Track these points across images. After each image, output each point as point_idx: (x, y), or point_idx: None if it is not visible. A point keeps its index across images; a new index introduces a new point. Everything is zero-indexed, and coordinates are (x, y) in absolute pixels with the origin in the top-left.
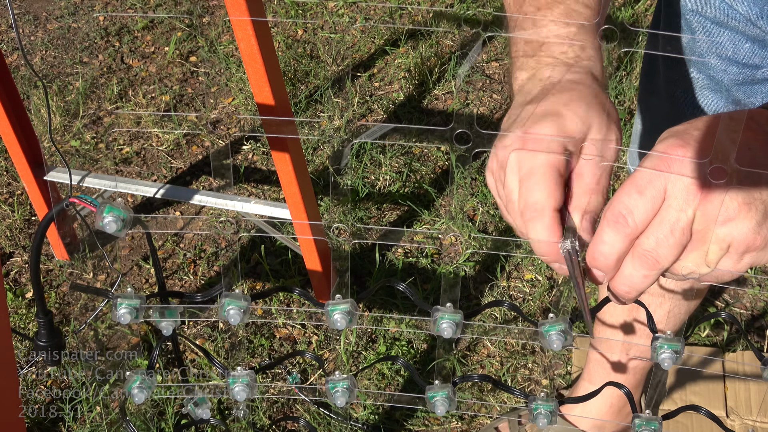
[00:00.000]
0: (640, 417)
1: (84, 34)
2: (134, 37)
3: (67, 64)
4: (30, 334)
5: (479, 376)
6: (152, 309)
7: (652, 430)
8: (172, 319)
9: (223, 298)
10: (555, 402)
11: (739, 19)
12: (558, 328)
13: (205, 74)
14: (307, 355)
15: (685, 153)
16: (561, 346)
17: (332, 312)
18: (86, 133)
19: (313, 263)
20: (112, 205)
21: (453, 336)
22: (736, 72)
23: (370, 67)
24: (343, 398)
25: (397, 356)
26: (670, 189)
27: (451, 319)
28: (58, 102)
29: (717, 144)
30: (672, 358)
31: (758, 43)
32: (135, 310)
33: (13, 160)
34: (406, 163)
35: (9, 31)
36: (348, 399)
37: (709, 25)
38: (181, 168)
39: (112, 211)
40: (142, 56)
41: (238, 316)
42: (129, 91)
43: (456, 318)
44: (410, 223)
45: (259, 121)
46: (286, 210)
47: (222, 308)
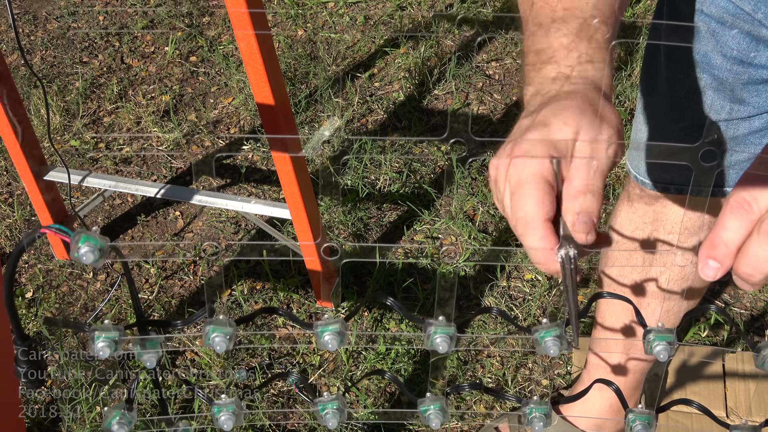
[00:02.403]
0: (633, 411)
1: (84, 34)
2: (134, 37)
3: (67, 64)
4: (30, 334)
5: (470, 384)
6: (131, 342)
7: (645, 423)
8: (153, 350)
9: (207, 326)
10: (548, 405)
11: (744, 19)
12: (553, 333)
13: (205, 74)
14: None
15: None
16: (558, 352)
17: (322, 333)
18: (86, 133)
19: (313, 263)
20: (88, 235)
21: (447, 350)
22: (741, 71)
23: (370, 67)
24: (334, 419)
25: (383, 371)
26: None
27: (445, 332)
28: (58, 102)
29: None
30: (667, 349)
31: (763, 42)
32: (114, 342)
33: (13, 160)
34: (406, 163)
35: (9, 31)
36: (339, 420)
37: (714, 24)
38: (181, 168)
39: (87, 240)
40: (142, 56)
41: (224, 343)
42: (129, 91)
43: (450, 331)
44: (410, 223)
45: (259, 120)
46: (286, 210)
47: (206, 336)
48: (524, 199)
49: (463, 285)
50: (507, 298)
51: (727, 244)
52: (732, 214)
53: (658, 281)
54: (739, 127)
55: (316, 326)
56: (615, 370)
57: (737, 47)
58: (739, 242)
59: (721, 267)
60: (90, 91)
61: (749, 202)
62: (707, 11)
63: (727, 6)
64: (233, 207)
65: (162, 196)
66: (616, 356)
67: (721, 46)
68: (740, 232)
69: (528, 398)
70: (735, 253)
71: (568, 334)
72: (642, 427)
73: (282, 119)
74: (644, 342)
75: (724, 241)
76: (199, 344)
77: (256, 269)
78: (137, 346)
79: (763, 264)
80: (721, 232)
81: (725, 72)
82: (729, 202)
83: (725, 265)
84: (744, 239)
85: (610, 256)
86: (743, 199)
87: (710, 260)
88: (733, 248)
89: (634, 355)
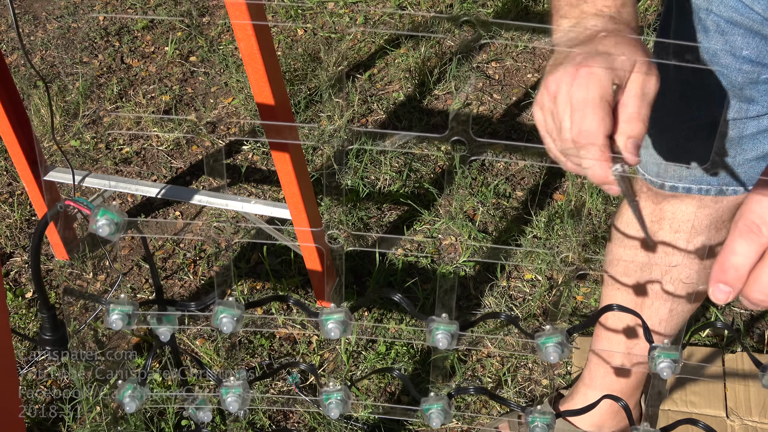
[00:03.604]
0: (637, 429)
1: (84, 34)
2: (134, 37)
3: (67, 64)
4: (30, 334)
5: (475, 388)
6: (150, 315)
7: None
8: (169, 324)
9: (216, 306)
10: (552, 416)
11: (754, 18)
12: (555, 340)
13: (205, 74)
14: (302, 366)
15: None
16: (558, 359)
17: (326, 321)
18: (86, 133)
19: (313, 263)
20: (107, 209)
21: (448, 347)
22: (750, 71)
23: (370, 67)
24: (337, 410)
25: (392, 368)
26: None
27: (447, 330)
28: (58, 102)
29: None
30: (671, 367)
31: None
32: (127, 316)
33: (13, 160)
34: (406, 163)
35: (9, 31)
36: (342, 410)
37: (724, 24)
38: (181, 168)
39: (105, 214)
40: (142, 56)
41: (231, 324)
42: (129, 91)
43: (451, 329)
44: (410, 223)
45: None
46: (286, 210)
47: (215, 317)
48: (589, 115)
49: (463, 285)
50: (507, 298)
51: (737, 269)
52: (741, 238)
53: (662, 283)
54: (748, 126)
55: (321, 314)
56: (616, 370)
57: (747, 47)
58: (750, 266)
59: (732, 291)
60: (90, 91)
61: (759, 226)
62: (716, 11)
63: (737, 6)
64: (233, 207)
65: (162, 196)
66: (618, 356)
67: (730, 46)
68: (750, 256)
69: (532, 407)
70: (746, 276)
71: None
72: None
73: (282, 119)
74: (648, 356)
75: (734, 265)
76: (200, 344)
77: (256, 269)
78: (154, 320)
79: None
80: (731, 256)
81: (735, 71)
82: (738, 225)
83: (736, 289)
84: (754, 263)
85: (615, 255)
86: (752, 222)
87: (721, 284)
88: (743, 272)
89: (636, 359)
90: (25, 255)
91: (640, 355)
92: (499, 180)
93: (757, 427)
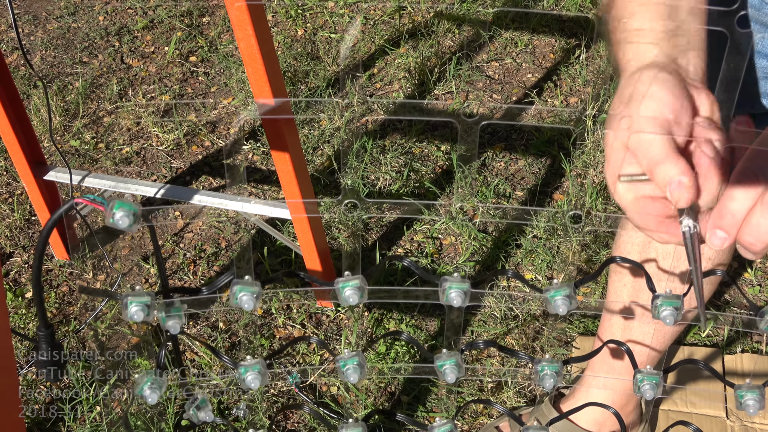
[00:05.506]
0: None
1: (84, 34)
2: (134, 37)
3: (67, 64)
4: (30, 334)
5: (484, 342)
6: (158, 308)
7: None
8: (178, 316)
9: (233, 285)
10: (560, 363)
11: None
12: (563, 293)
13: (205, 74)
14: (313, 339)
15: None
16: (566, 311)
17: (343, 289)
18: (86, 133)
19: (313, 263)
20: (122, 201)
21: (462, 305)
22: (766, 66)
23: (370, 67)
24: (355, 374)
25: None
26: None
27: (460, 287)
28: (58, 102)
29: None
30: (673, 314)
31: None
32: (146, 307)
33: (12, 160)
34: (407, 162)
35: (9, 31)
36: (360, 375)
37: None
38: (181, 168)
39: (122, 206)
40: (142, 56)
41: (252, 301)
42: (129, 91)
43: (464, 287)
44: (410, 223)
45: (259, 121)
46: (286, 210)
47: (234, 296)
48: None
49: None
50: (507, 298)
51: (733, 214)
52: (740, 184)
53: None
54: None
55: (337, 282)
56: (618, 369)
57: (761, 42)
58: (746, 212)
59: (727, 237)
60: (90, 91)
61: (756, 174)
62: None
63: (753, 1)
64: (233, 207)
65: (162, 196)
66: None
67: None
68: (746, 203)
69: (540, 358)
70: (740, 221)
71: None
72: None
73: (282, 119)
74: (652, 307)
75: (731, 211)
76: (200, 344)
77: (257, 269)
78: (162, 311)
79: (765, 234)
80: (728, 202)
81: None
82: (736, 174)
83: (731, 234)
84: (749, 209)
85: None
86: (750, 171)
87: (718, 230)
88: (739, 218)
89: (636, 339)
90: (25, 255)
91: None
92: (499, 180)
93: (756, 428)
